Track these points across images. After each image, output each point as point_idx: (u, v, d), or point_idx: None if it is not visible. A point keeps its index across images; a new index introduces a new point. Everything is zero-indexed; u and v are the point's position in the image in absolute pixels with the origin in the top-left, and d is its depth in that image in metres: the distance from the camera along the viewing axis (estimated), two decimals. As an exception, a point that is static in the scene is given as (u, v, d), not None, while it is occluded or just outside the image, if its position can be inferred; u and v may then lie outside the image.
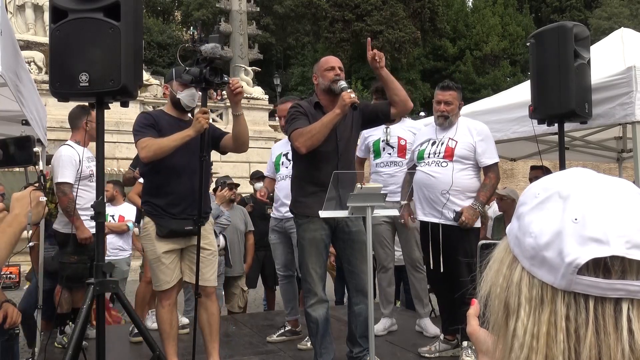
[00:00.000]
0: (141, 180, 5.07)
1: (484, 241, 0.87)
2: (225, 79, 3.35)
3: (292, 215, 3.80)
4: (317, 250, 3.50)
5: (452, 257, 3.84)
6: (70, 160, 4.31)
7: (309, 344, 4.18)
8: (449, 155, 3.90)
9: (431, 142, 4.04)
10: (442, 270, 3.92)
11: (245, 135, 3.57)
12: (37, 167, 2.28)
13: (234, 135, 3.55)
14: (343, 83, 3.49)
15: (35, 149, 2.31)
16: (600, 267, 0.61)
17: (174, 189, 3.44)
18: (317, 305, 3.49)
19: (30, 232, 2.12)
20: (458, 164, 3.88)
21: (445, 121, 3.98)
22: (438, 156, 3.95)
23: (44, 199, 1.93)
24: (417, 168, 4.06)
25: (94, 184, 4.40)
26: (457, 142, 3.92)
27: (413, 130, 4.59)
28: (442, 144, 3.98)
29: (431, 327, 4.72)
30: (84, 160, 4.39)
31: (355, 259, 3.58)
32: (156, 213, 3.46)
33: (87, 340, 4.06)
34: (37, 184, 1.97)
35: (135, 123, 3.51)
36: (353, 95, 3.35)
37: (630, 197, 0.64)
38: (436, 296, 4.36)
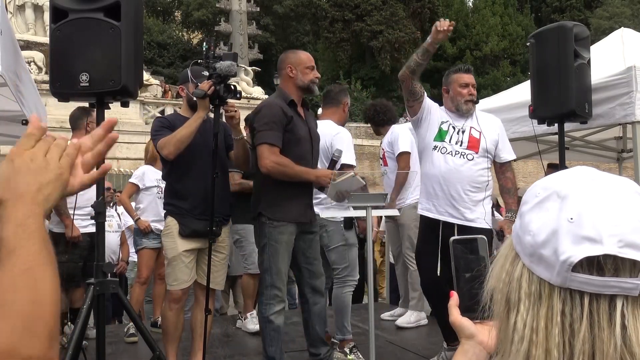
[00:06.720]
0: (132, 180, 5.09)
1: (455, 237, 0.93)
2: (238, 95, 3.30)
3: None
4: (289, 255, 3.38)
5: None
6: None
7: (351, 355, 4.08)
8: (474, 146, 3.58)
9: (450, 125, 3.65)
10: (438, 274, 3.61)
11: (242, 158, 3.51)
12: None
13: (234, 156, 3.56)
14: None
15: None
16: (594, 265, 0.63)
17: (194, 191, 3.42)
18: (281, 312, 3.35)
19: None
20: (482, 158, 3.59)
21: (474, 107, 3.68)
22: (461, 145, 3.59)
23: None
24: (433, 151, 3.64)
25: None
26: (481, 132, 3.62)
27: None
28: (462, 132, 3.62)
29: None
30: None
31: (316, 260, 3.53)
32: (179, 213, 3.45)
33: (87, 340, 4.06)
34: None
35: (152, 129, 3.53)
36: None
37: (628, 196, 0.66)
38: (436, 302, 3.78)
